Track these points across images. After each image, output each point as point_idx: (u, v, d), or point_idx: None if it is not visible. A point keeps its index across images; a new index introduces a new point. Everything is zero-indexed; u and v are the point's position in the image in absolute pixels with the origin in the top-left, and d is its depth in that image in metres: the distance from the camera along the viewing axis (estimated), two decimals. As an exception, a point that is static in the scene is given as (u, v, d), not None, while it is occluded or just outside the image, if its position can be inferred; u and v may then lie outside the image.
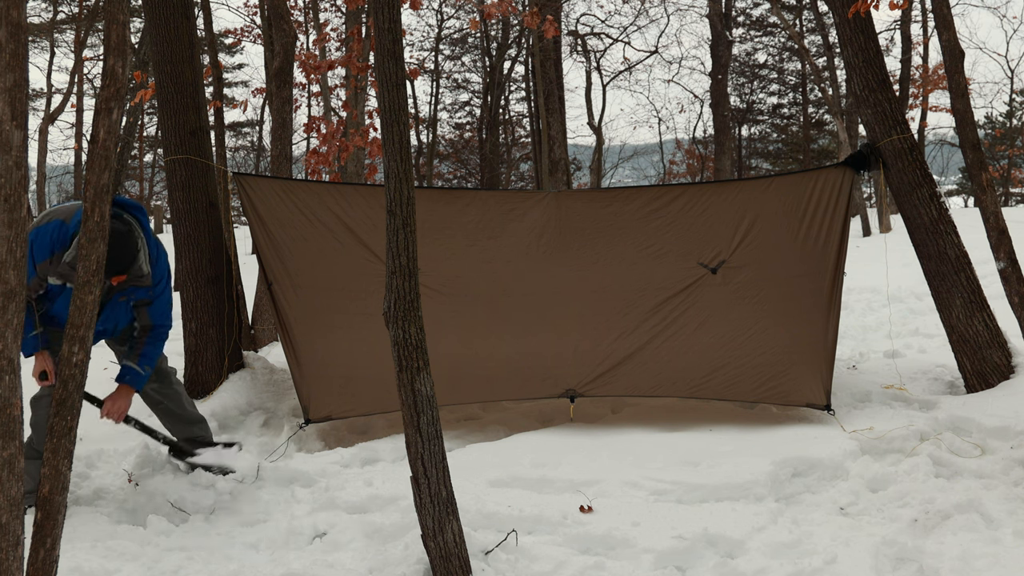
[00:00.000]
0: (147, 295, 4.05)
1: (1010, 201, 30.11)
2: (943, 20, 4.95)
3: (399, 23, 3.11)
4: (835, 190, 5.30)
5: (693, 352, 5.23)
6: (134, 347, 4.14)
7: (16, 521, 2.06)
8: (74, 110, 21.74)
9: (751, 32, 30.35)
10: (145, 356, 4.12)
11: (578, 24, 26.85)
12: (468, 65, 30.30)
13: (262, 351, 7.05)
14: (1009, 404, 4.74)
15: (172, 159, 5.68)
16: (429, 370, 3.10)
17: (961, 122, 5.02)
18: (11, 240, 2.02)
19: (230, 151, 32.51)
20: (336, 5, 19.61)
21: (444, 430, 3.28)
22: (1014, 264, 4.83)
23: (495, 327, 5.33)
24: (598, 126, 28.44)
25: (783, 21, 22.61)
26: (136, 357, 4.12)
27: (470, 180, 29.97)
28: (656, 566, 3.39)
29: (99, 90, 3.91)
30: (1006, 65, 49.66)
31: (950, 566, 3.22)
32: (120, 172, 16.55)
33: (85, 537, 3.62)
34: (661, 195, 5.43)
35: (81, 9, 20.08)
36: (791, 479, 4.21)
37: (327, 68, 10.23)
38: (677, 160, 35.67)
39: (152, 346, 4.14)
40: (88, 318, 2.43)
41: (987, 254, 5.03)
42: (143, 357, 4.12)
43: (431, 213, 5.32)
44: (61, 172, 31.86)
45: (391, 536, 3.60)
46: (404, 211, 3.06)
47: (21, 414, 2.07)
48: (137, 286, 3.97)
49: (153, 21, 5.70)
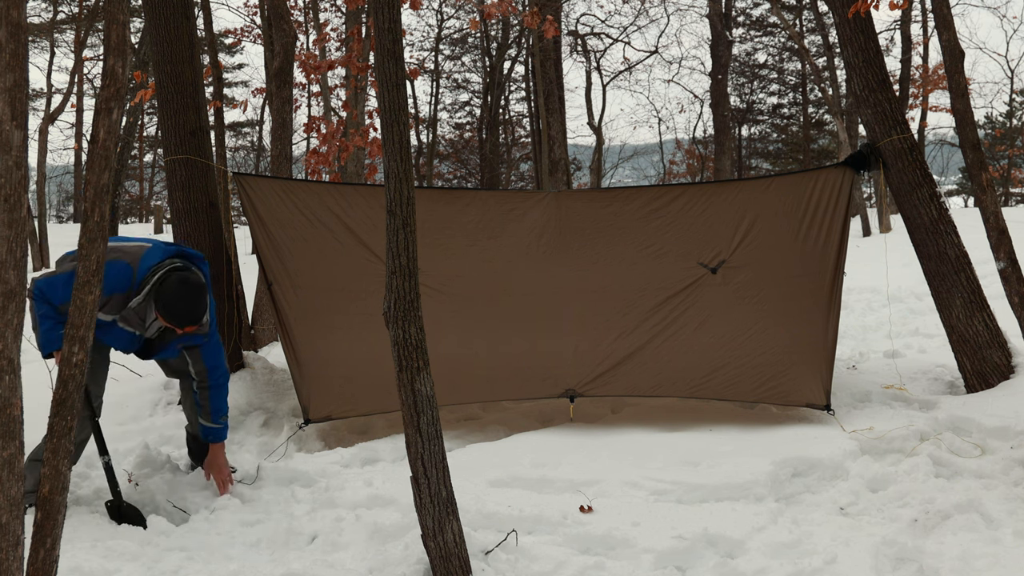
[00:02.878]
0: (200, 341, 4.11)
1: (1010, 201, 30.12)
2: (943, 20, 4.94)
3: (399, 23, 3.11)
4: (835, 190, 5.30)
5: (693, 352, 5.23)
6: (201, 405, 4.21)
7: (16, 521, 2.06)
8: (74, 110, 21.76)
9: (751, 32, 30.37)
10: (216, 411, 4.21)
11: (578, 24, 26.88)
12: (468, 65, 30.34)
13: (262, 351, 7.05)
14: (1009, 404, 4.74)
15: (172, 159, 5.68)
16: (429, 370, 3.10)
17: (961, 122, 5.02)
18: (11, 240, 2.02)
19: (230, 151, 32.52)
20: (336, 5, 19.61)
21: (444, 430, 3.28)
22: (1014, 264, 4.83)
23: (495, 327, 5.33)
24: (598, 126, 28.46)
25: (783, 21, 22.62)
26: (208, 415, 4.20)
27: (470, 180, 29.97)
28: (656, 566, 3.39)
29: (99, 90, 3.93)
30: (1006, 65, 49.67)
31: (950, 566, 3.22)
32: (120, 172, 16.53)
33: (85, 537, 3.61)
34: (661, 195, 5.43)
35: (81, 9, 20.07)
36: (791, 479, 4.21)
37: (327, 68, 10.23)
38: (677, 160, 35.69)
39: (217, 396, 4.21)
40: (88, 318, 2.43)
41: (987, 254, 5.02)
42: (215, 412, 4.21)
43: (431, 213, 5.32)
44: (61, 172, 31.86)
45: (391, 536, 3.60)
46: (404, 211, 3.06)
47: (21, 414, 2.07)
48: (196, 334, 4.04)
49: (153, 21, 5.70)
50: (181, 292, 3.85)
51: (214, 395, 4.19)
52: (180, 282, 3.86)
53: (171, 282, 3.85)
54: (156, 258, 3.94)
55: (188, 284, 3.87)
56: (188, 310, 3.85)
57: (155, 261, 3.92)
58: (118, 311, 3.91)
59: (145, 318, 3.97)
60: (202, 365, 4.16)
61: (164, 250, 4.01)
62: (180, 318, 3.85)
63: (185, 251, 4.10)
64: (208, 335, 4.12)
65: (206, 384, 4.18)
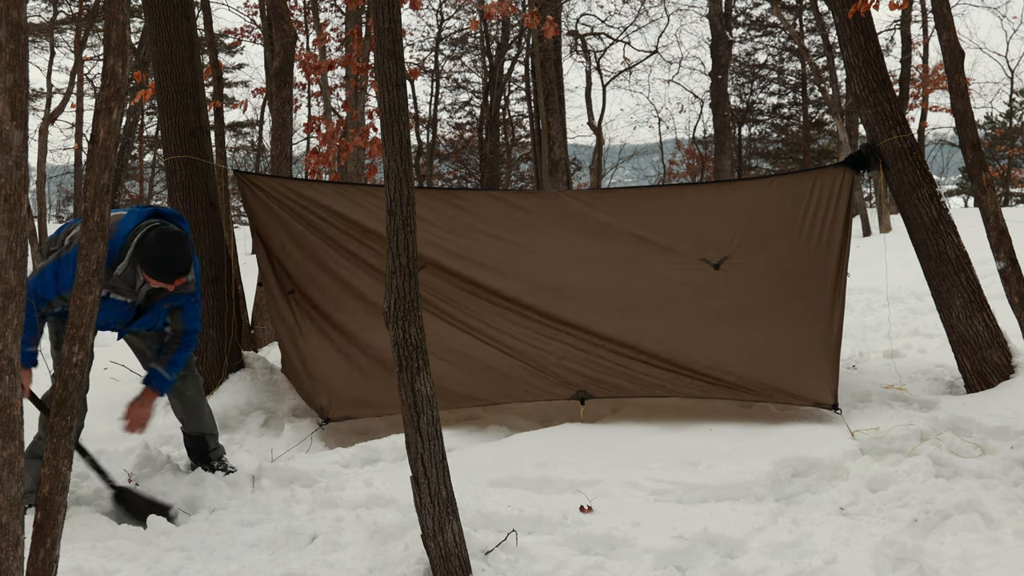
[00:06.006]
0: (186, 301, 4.11)
1: (1010, 201, 30.11)
2: (943, 20, 4.94)
3: (399, 23, 3.11)
4: (835, 190, 5.30)
5: (701, 352, 5.20)
6: (163, 352, 4.18)
7: (16, 521, 2.06)
8: (74, 110, 21.72)
9: (751, 32, 30.38)
10: (173, 363, 4.18)
11: (578, 24, 26.88)
12: (468, 65, 30.34)
13: (262, 351, 7.05)
14: (1009, 404, 4.75)
15: (172, 159, 5.68)
16: (429, 370, 3.09)
17: (961, 122, 5.02)
18: (11, 240, 2.02)
19: (230, 151, 32.52)
20: (336, 5, 19.61)
21: (444, 430, 3.28)
22: (1014, 264, 4.83)
23: (501, 329, 5.31)
24: (598, 126, 28.45)
25: (783, 21, 22.62)
26: (165, 363, 4.17)
27: (470, 180, 29.98)
28: (656, 566, 3.39)
29: (99, 90, 3.93)
30: (1006, 65, 49.68)
31: (950, 566, 3.22)
32: (120, 172, 16.57)
33: (85, 537, 3.61)
34: (662, 195, 5.44)
35: (81, 9, 20.06)
36: (791, 479, 4.21)
37: (327, 68, 10.24)
38: (677, 160, 35.68)
39: (181, 353, 4.19)
40: (88, 318, 2.43)
41: (987, 254, 5.02)
42: (172, 364, 4.18)
43: (432, 212, 5.32)
44: (61, 172, 31.84)
45: (391, 536, 3.60)
46: (404, 211, 3.06)
47: (21, 414, 2.07)
48: (181, 292, 4.03)
49: (153, 21, 5.70)
50: (163, 245, 3.85)
51: (180, 351, 4.19)
52: (159, 235, 3.86)
53: (150, 239, 3.85)
54: (132, 223, 3.94)
55: (167, 236, 3.87)
56: (174, 261, 3.85)
57: (132, 225, 3.92)
58: (106, 283, 3.88)
59: (134, 283, 3.96)
60: (180, 326, 4.16)
61: (139, 213, 4.01)
62: (167, 272, 3.85)
63: (161, 210, 4.08)
64: (194, 294, 4.11)
65: (178, 342, 4.18)
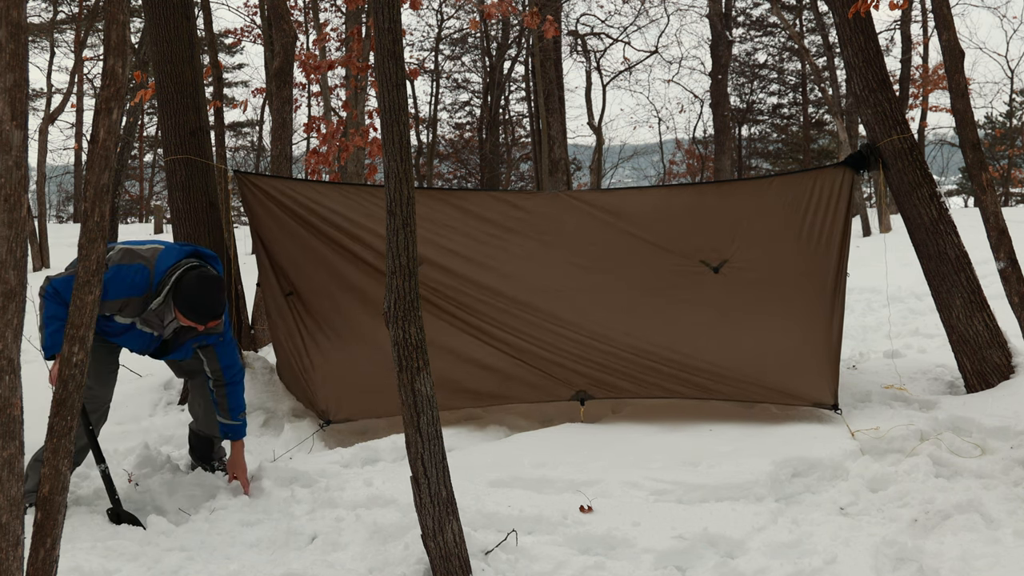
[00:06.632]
0: (214, 340, 4.13)
1: (1010, 201, 30.13)
2: (943, 20, 4.94)
3: (399, 23, 3.11)
4: (835, 190, 5.29)
5: (701, 352, 5.18)
6: (218, 404, 4.20)
7: (16, 521, 2.06)
8: (74, 110, 21.75)
9: (751, 32, 30.40)
10: (233, 408, 4.20)
11: (578, 24, 26.90)
12: (468, 65, 30.36)
13: (262, 351, 7.04)
14: (1009, 404, 4.74)
15: (172, 159, 5.68)
16: (429, 370, 3.09)
17: (961, 122, 5.02)
18: (11, 240, 2.02)
19: (230, 151, 32.53)
20: (336, 5, 19.61)
21: (444, 430, 3.28)
22: (1014, 264, 4.83)
23: (501, 330, 5.30)
24: (598, 126, 28.48)
25: (783, 21, 22.62)
26: (226, 411, 4.19)
27: (470, 180, 30.00)
28: (656, 566, 3.39)
29: (99, 90, 3.93)
30: (1006, 65, 49.70)
31: (950, 566, 3.22)
32: (120, 172, 16.52)
33: (85, 537, 3.62)
34: (663, 196, 5.43)
35: (81, 9, 20.07)
36: (791, 479, 4.21)
37: (327, 68, 10.24)
38: (677, 160, 35.71)
39: (236, 398, 4.21)
40: (88, 318, 2.43)
41: (987, 254, 5.02)
42: (232, 408, 4.20)
43: (433, 212, 5.32)
44: (61, 172, 31.85)
45: (391, 536, 3.60)
46: (404, 211, 3.06)
47: (21, 414, 2.07)
48: (209, 333, 4.05)
49: (153, 21, 5.70)
50: (201, 287, 3.86)
51: (231, 392, 4.19)
52: (199, 278, 3.87)
53: (190, 280, 3.86)
54: (172, 259, 3.95)
55: (207, 280, 3.89)
56: (209, 306, 3.87)
57: (171, 262, 3.93)
58: (138, 314, 3.92)
59: (163, 318, 3.99)
60: (217, 364, 4.17)
61: (179, 251, 4.02)
62: (201, 314, 3.86)
63: (200, 250, 4.12)
64: (223, 334, 4.13)
65: (223, 382, 4.18)
